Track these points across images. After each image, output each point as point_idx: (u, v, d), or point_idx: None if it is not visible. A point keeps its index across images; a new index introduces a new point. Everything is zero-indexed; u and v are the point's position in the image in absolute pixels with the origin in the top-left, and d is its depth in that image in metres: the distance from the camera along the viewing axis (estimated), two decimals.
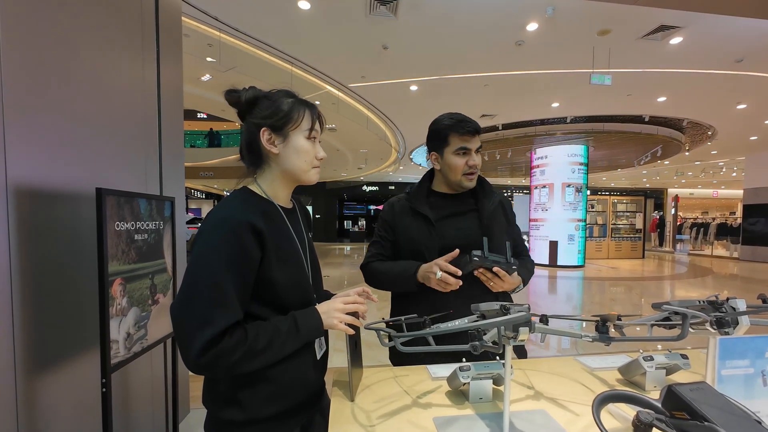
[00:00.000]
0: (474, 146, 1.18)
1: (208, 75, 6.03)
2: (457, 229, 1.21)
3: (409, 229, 1.22)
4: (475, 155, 1.19)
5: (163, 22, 1.92)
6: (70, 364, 1.28)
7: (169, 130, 1.99)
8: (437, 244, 1.17)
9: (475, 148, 1.19)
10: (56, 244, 1.23)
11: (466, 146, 1.17)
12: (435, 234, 1.19)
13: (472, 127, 1.17)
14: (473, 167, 1.19)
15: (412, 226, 1.22)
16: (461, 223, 1.23)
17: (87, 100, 1.38)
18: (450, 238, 1.19)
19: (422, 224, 1.21)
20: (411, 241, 1.21)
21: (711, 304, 0.83)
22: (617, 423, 0.75)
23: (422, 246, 1.19)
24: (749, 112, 7.44)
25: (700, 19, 4.16)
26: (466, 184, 1.21)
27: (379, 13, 4.13)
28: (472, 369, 0.86)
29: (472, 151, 1.18)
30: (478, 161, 1.19)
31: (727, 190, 21.95)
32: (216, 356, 0.68)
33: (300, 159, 0.83)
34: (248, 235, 0.74)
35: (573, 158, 9.46)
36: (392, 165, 14.26)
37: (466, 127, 1.16)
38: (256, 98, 0.83)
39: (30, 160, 1.14)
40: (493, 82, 6.20)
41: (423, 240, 1.19)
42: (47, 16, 1.21)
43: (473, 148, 1.18)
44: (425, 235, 1.19)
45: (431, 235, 1.19)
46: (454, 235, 1.20)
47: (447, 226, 1.21)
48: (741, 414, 0.52)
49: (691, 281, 7.85)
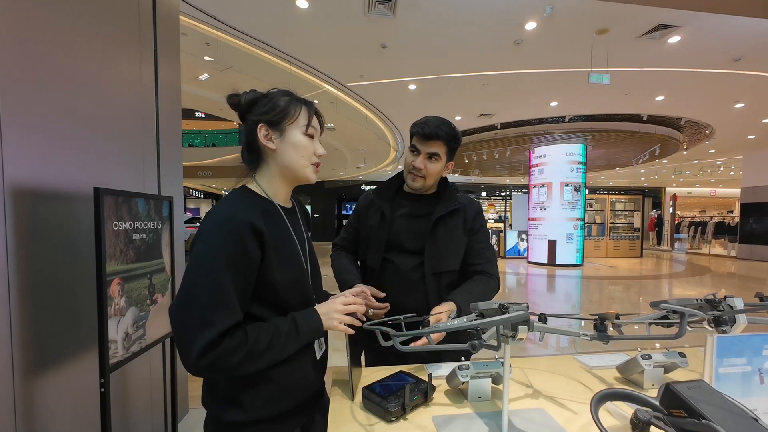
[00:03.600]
0: (424, 149, 1.20)
1: (206, 74, 6.01)
2: (409, 230, 1.25)
3: (369, 219, 1.30)
4: (425, 159, 1.20)
5: (161, 20, 1.91)
6: (68, 365, 1.28)
7: (167, 129, 1.98)
8: (385, 238, 1.24)
9: (426, 152, 1.20)
10: (54, 244, 1.22)
11: (416, 146, 1.22)
12: (386, 228, 1.25)
13: (422, 130, 1.19)
14: (416, 169, 1.21)
15: (371, 217, 1.29)
16: (414, 225, 1.25)
17: (84, 99, 1.38)
18: (400, 236, 1.25)
19: (380, 221, 1.27)
20: (367, 229, 1.29)
21: (709, 303, 0.83)
22: (615, 421, 0.75)
23: (374, 237, 1.26)
24: (747, 111, 7.46)
25: (698, 19, 4.17)
26: (408, 182, 1.26)
27: (378, 12, 4.12)
28: (471, 368, 0.86)
29: (422, 153, 1.20)
30: (421, 164, 1.20)
31: (725, 189, 22.00)
32: (216, 358, 0.67)
33: (297, 154, 0.83)
34: (249, 236, 0.73)
35: (571, 157, 9.47)
36: (391, 164, 14.26)
37: (418, 129, 1.20)
38: (255, 99, 0.83)
39: (27, 160, 1.13)
40: (492, 81, 6.20)
41: (375, 231, 1.26)
42: (43, 15, 1.20)
43: (423, 151, 1.20)
44: (376, 227, 1.26)
45: (381, 229, 1.25)
46: (405, 234, 1.25)
47: (401, 224, 1.26)
48: (738, 412, 0.52)
49: (689, 280, 7.88)
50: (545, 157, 9.75)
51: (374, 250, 1.25)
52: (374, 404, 0.80)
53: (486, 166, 13.66)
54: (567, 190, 9.48)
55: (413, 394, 0.82)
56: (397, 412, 0.78)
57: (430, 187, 1.27)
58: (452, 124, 1.22)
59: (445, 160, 1.23)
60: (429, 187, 1.26)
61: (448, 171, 1.28)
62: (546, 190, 9.70)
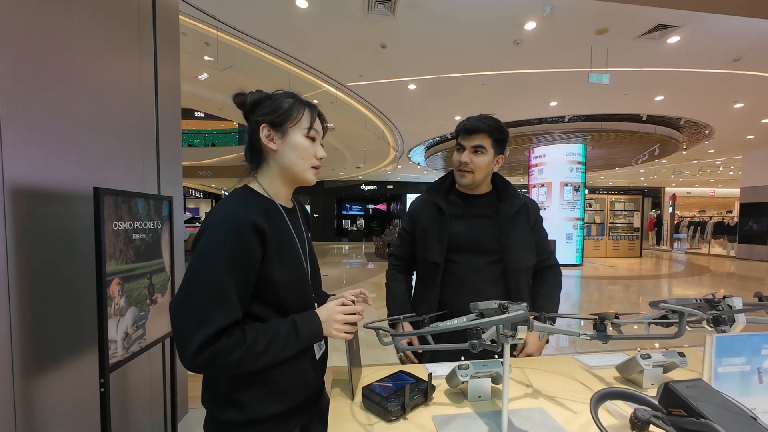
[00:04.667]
0: (468, 143, 1.20)
1: (205, 74, 6.00)
2: (470, 229, 1.23)
3: (425, 220, 1.27)
4: (470, 153, 1.20)
5: (161, 20, 1.91)
6: (68, 365, 1.28)
7: (167, 129, 1.98)
8: (446, 238, 1.21)
9: (470, 146, 1.20)
10: (54, 244, 1.22)
11: (461, 143, 1.23)
12: (446, 227, 1.22)
13: (464, 125, 1.21)
14: (462, 164, 1.21)
15: (427, 217, 1.27)
16: (474, 224, 1.24)
17: (84, 99, 1.37)
18: (460, 236, 1.22)
19: (436, 216, 1.25)
20: (424, 231, 1.26)
21: (708, 303, 0.83)
22: (615, 420, 0.75)
23: (434, 238, 1.23)
24: (746, 111, 7.46)
25: (697, 19, 4.17)
26: (458, 180, 1.25)
27: (378, 12, 4.12)
28: (471, 367, 0.86)
29: (467, 148, 1.20)
30: (467, 159, 1.20)
31: (724, 189, 22.02)
32: (213, 355, 0.68)
33: (298, 156, 0.84)
34: (251, 235, 0.74)
35: (571, 157, 9.47)
36: (390, 164, 14.25)
37: (461, 126, 1.22)
38: (260, 99, 0.84)
39: (27, 160, 1.13)
40: (491, 81, 6.20)
41: (435, 231, 1.23)
42: (43, 15, 1.20)
43: (467, 146, 1.20)
44: (436, 228, 1.23)
45: (442, 228, 1.22)
46: (466, 233, 1.23)
47: (460, 225, 1.24)
48: (737, 411, 0.52)
49: (689, 279, 7.89)
50: (545, 157, 9.76)
51: (437, 244, 1.22)
52: (374, 404, 0.80)
53: None
54: (566, 190, 9.49)
55: (413, 394, 0.82)
56: (397, 411, 0.78)
57: (480, 182, 1.25)
58: (495, 117, 1.21)
59: (493, 153, 1.21)
60: (479, 182, 1.24)
61: (499, 165, 1.26)
62: (545, 190, 9.70)
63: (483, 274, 1.21)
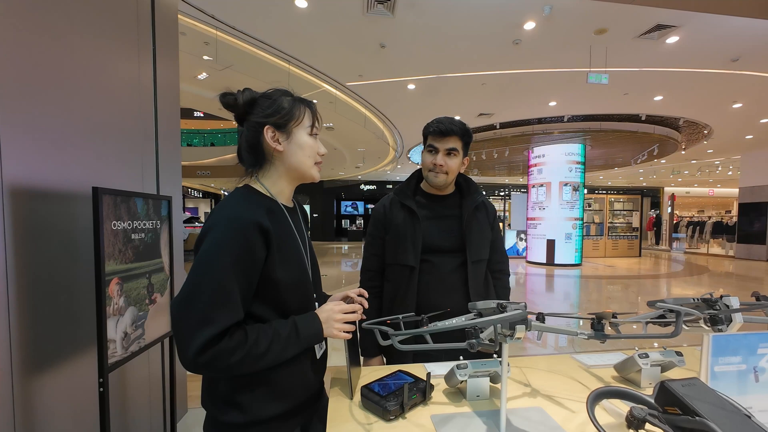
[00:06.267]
0: (442, 146, 1.23)
1: (204, 73, 6.00)
2: (442, 230, 1.27)
3: (397, 223, 1.28)
4: (443, 155, 1.23)
5: (160, 20, 1.91)
6: (67, 364, 1.28)
7: (166, 128, 1.98)
8: (420, 241, 1.23)
9: (444, 148, 1.23)
10: (52, 244, 1.22)
11: (433, 144, 1.24)
12: (419, 229, 1.24)
13: (437, 128, 1.22)
14: (437, 166, 1.24)
15: (399, 220, 1.28)
16: (445, 225, 1.28)
17: (83, 98, 1.37)
18: (434, 236, 1.25)
19: (408, 219, 1.27)
20: (397, 235, 1.27)
21: (705, 302, 0.84)
22: (612, 419, 0.75)
23: (407, 240, 1.24)
24: (745, 111, 7.48)
25: (696, 19, 4.18)
26: (431, 180, 1.27)
27: (377, 12, 4.12)
28: (470, 367, 0.86)
29: (441, 150, 1.23)
30: (441, 161, 1.23)
31: (723, 189, 22.06)
32: (214, 356, 0.67)
33: (304, 155, 0.85)
34: (256, 235, 0.73)
35: (570, 157, 9.48)
36: (390, 164, 14.26)
37: (433, 127, 1.23)
38: (254, 99, 0.82)
39: (25, 160, 1.13)
40: (491, 81, 6.21)
41: (408, 234, 1.25)
42: (42, 15, 1.20)
43: (441, 148, 1.23)
44: (410, 230, 1.25)
45: (416, 230, 1.24)
46: (438, 233, 1.26)
47: (431, 225, 1.27)
48: (732, 409, 0.53)
49: (687, 279, 7.90)
50: (544, 156, 9.77)
51: (411, 246, 1.23)
52: (373, 403, 0.80)
53: (485, 165, 13.67)
54: (566, 189, 9.50)
55: (412, 393, 0.82)
56: (395, 411, 0.78)
57: (450, 183, 1.30)
58: (462, 121, 1.26)
59: (462, 154, 1.26)
60: (450, 183, 1.29)
61: (465, 166, 1.31)
62: (545, 190, 9.71)
63: (460, 273, 1.24)
